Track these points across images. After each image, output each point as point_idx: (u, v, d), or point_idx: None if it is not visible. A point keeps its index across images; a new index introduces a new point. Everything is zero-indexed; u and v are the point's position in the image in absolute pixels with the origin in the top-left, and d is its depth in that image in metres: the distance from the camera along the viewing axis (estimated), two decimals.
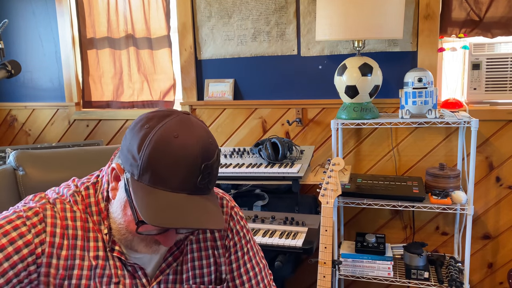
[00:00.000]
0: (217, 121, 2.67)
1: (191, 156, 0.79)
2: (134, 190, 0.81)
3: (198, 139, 0.81)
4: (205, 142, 0.82)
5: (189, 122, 0.83)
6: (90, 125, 2.99)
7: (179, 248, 0.98)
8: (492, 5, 2.15)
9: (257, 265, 1.08)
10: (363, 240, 2.20)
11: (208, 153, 0.81)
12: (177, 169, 0.79)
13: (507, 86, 2.18)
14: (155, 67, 2.80)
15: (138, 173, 0.81)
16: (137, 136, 0.82)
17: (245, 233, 1.07)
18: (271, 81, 2.56)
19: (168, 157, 0.78)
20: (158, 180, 0.79)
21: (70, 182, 0.97)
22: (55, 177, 1.22)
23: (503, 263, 2.32)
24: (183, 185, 0.79)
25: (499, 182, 2.25)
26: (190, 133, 0.81)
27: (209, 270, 1.02)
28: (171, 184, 0.79)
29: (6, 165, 1.21)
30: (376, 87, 2.12)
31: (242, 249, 1.05)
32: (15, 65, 1.77)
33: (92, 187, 0.94)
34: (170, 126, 0.81)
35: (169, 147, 0.79)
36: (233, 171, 2.11)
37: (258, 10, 2.50)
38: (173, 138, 0.79)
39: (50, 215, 0.88)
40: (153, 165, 0.79)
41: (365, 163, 2.45)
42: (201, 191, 0.82)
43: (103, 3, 2.84)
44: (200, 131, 0.83)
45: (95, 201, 0.93)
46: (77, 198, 0.92)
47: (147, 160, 0.79)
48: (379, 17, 1.95)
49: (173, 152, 0.78)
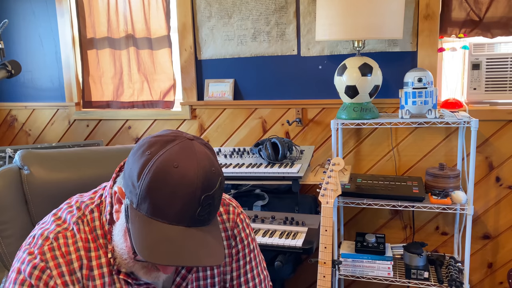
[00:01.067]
0: (217, 121, 2.67)
1: (190, 188, 0.76)
2: (132, 219, 0.80)
3: (198, 169, 0.78)
4: (207, 172, 0.79)
5: (191, 149, 0.80)
6: (90, 125, 2.99)
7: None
8: (492, 5, 2.15)
9: (258, 276, 1.08)
10: (363, 240, 2.20)
11: (209, 183, 0.78)
12: (175, 201, 0.76)
13: (507, 86, 2.18)
14: (155, 67, 2.81)
15: (136, 202, 0.79)
16: (137, 162, 0.80)
17: (250, 242, 1.06)
18: (271, 81, 2.56)
19: (166, 188, 0.76)
20: (155, 211, 0.77)
21: (73, 204, 0.95)
22: (60, 177, 1.22)
23: (503, 263, 2.32)
24: (180, 217, 0.77)
25: (499, 182, 2.25)
26: (190, 163, 0.78)
27: (212, 281, 1.02)
28: (168, 216, 0.77)
29: (11, 164, 1.21)
30: (376, 87, 2.12)
31: (245, 257, 1.05)
32: (15, 65, 1.78)
33: (96, 209, 0.93)
34: (171, 154, 0.78)
35: (168, 177, 0.76)
36: (233, 171, 2.11)
37: (258, 10, 2.50)
38: (173, 168, 0.77)
39: (51, 257, 0.86)
40: (151, 195, 0.77)
41: (365, 163, 2.45)
42: (200, 223, 0.79)
43: (103, 3, 2.84)
44: (203, 160, 0.80)
45: (100, 224, 0.92)
46: (80, 227, 0.91)
47: (145, 189, 0.77)
48: (379, 17, 1.95)
49: (172, 183, 0.76)
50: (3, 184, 1.14)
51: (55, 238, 0.89)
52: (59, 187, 1.20)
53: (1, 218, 1.12)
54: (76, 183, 1.22)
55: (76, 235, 0.90)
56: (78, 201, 0.96)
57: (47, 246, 0.87)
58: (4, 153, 2.14)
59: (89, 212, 0.93)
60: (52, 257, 0.86)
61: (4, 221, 1.13)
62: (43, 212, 1.18)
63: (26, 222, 1.17)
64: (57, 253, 0.87)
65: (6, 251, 1.13)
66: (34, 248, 0.87)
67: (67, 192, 1.20)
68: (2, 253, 1.12)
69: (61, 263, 0.86)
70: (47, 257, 0.86)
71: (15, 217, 1.15)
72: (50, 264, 0.86)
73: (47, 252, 0.87)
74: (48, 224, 0.92)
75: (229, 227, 1.04)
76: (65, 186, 1.21)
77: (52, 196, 1.19)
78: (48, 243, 0.88)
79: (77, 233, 0.90)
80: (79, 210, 0.93)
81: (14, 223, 1.15)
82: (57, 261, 0.86)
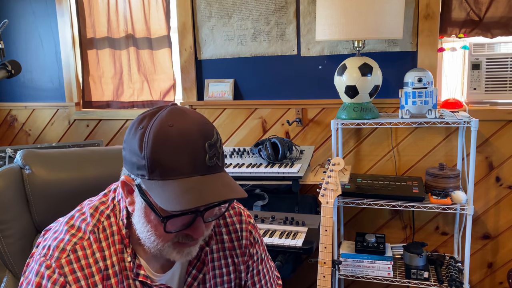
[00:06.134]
0: (217, 121, 2.67)
1: (191, 138, 0.80)
2: (149, 189, 0.81)
3: (193, 122, 0.82)
4: (201, 124, 0.83)
5: (180, 110, 0.85)
6: (90, 125, 2.99)
7: (200, 259, 0.99)
8: (492, 5, 2.15)
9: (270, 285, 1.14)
10: (363, 240, 2.20)
11: (207, 133, 0.82)
12: (182, 155, 0.79)
13: (507, 86, 2.18)
14: (155, 67, 2.81)
15: (147, 173, 0.81)
16: (135, 139, 0.83)
17: (261, 252, 1.12)
18: (271, 81, 2.56)
19: (169, 146, 0.79)
20: (167, 171, 0.79)
21: (86, 211, 0.94)
22: (61, 176, 1.22)
23: (503, 263, 2.32)
24: (193, 168, 0.80)
25: (499, 182, 2.25)
26: (183, 119, 0.82)
27: (229, 277, 1.04)
28: (181, 170, 0.79)
29: (12, 164, 1.21)
30: (376, 87, 2.12)
31: (257, 267, 1.10)
32: (15, 65, 1.78)
33: (112, 214, 0.93)
34: (162, 119, 0.82)
35: (167, 136, 0.80)
36: (233, 171, 2.11)
37: (258, 10, 2.50)
38: (169, 128, 0.80)
39: (69, 271, 0.85)
40: (159, 158, 0.79)
41: (365, 163, 2.45)
42: (213, 170, 0.82)
43: (103, 3, 2.84)
44: (193, 115, 0.85)
45: (117, 229, 0.91)
46: (97, 235, 0.90)
47: (150, 156, 0.80)
48: (379, 17, 1.95)
49: (172, 140, 0.79)
50: (4, 184, 1.14)
51: (72, 250, 0.87)
52: (60, 187, 1.20)
53: (2, 217, 1.12)
54: (77, 183, 1.22)
55: (93, 244, 0.88)
56: (92, 207, 0.94)
57: (64, 259, 0.86)
58: (4, 153, 2.14)
59: (105, 218, 0.92)
60: (70, 271, 0.85)
61: (5, 221, 1.13)
62: (44, 211, 1.18)
63: (27, 222, 1.17)
64: (75, 266, 0.86)
65: (7, 251, 1.13)
66: (51, 261, 0.85)
67: (68, 192, 1.20)
68: (3, 252, 1.12)
69: (79, 277, 0.85)
70: (65, 271, 0.85)
71: (16, 216, 1.15)
72: (69, 279, 0.84)
73: (65, 266, 0.85)
74: (62, 233, 0.90)
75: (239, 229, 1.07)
76: (66, 186, 1.21)
77: (53, 196, 1.19)
78: (65, 255, 0.86)
79: (94, 243, 0.89)
80: (93, 217, 0.92)
81: (15, 222, 1.15)
82: (75, 275, 0.85)
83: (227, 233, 1.04)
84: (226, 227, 1.04)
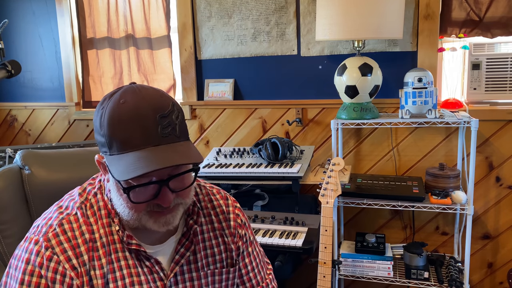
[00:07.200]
0: (217, 121, 2.67)
1: (141, 112, 0.83)
2: (110, 164, 0.86)
3: (144, 96, 0.86)
4: (153, 98, 0.86)
5: (133, 88, 0.88)
6: (90, 125, 2.99)
7: (189, 238, 1.01)
8: (492, 5, 2.15)
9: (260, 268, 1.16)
10: (363, 240, 2.20)
11: (160, 105, 0.85)
12: (134, 129, 0.83)
13: (507, 86, 2.18)
14: (155, 67, 2.81)
15: (108, 149, 0.86)
16: (97, 120, 0.88)
17: (250, 235, 1.13)
18: (271, 81, 2.56)
19: (122, 122, 0.83)
20: (123, 145, 0.84)
21: (75, 191, 0.99)
22: (60, 177, 1.22)
23: (503, 263, 2.32)
24: (145, 140, 0.83)
25: (499, 182, 2.25)
26: (136, 95, 0.86)
27: (220, 257, 1.06)
28: (135, 143, 0.83)
29: (12, 164, 1.22)
30: (376, 87, 2.12)
31: (246, 250, 1.12)
32: (15, 65, 1.78)
33: (99, 192, 0.97)
34: (116, 97, 0.87)
35: (119, 112, 0.84)
36: (233, 171, 2.11)
37: (258, 10, 2.50)
38: (121, 104, 0.85)
39: (56, 243, 0.89)
40: (114, 133, 0.84)
41: (365, 163, 2.45)
42: (168, 140, 0.85)
43: (103, 3, 2.84)
44: (147, 90, 0.88)
45: (104, 204, 0.95)
46: (84, 211, 0.94)
47: (107, 132, 0.84)
48: (379, 17, 1.95)
49: (125, 115, 0.83)
50: (3, 184, 1.15)
51: (59, 224, 0.91)
52: (59, 187, 1.20)
53: (2, 217, 1.13)
54: (77, 183, 1.21)
55: (79, 219, 0.92)
56: (80, 187, 0.99)
57: (51, 233, 0.90)
58: (4, 153, 2.13)
59: (92, 196, 0.96)
60: (57, 243, 0.88)
61: (4, 221, 1.13)
62: (44, 211, 1.18)
63: (26, 222, 1.17)
64: (62, 238, 0.89)
65: (7, 251, 1.13)
66: (39, 236, 0.89)
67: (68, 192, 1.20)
68: (3, 252, 1.13)
69: (66, 247, 0.89)
70: (52, 244, 0.88)
71: (16, 216, 1.15)
72: (56, 250, 0.88)
73: (52, 239, 0.89)
74: (51, 213, 0.95)
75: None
76: (66, 186, 1.20)
77: (53, 196, 1.18)
78: (52, 229, 0.90)
79: (80, 217, 0.92)
80: (81, 196, 0.96)
81: (14, 222, 1.15)
82: (62, 247, 0.89)
83: (215, 214, 1.08)
84: (214, 210, 1.08)
